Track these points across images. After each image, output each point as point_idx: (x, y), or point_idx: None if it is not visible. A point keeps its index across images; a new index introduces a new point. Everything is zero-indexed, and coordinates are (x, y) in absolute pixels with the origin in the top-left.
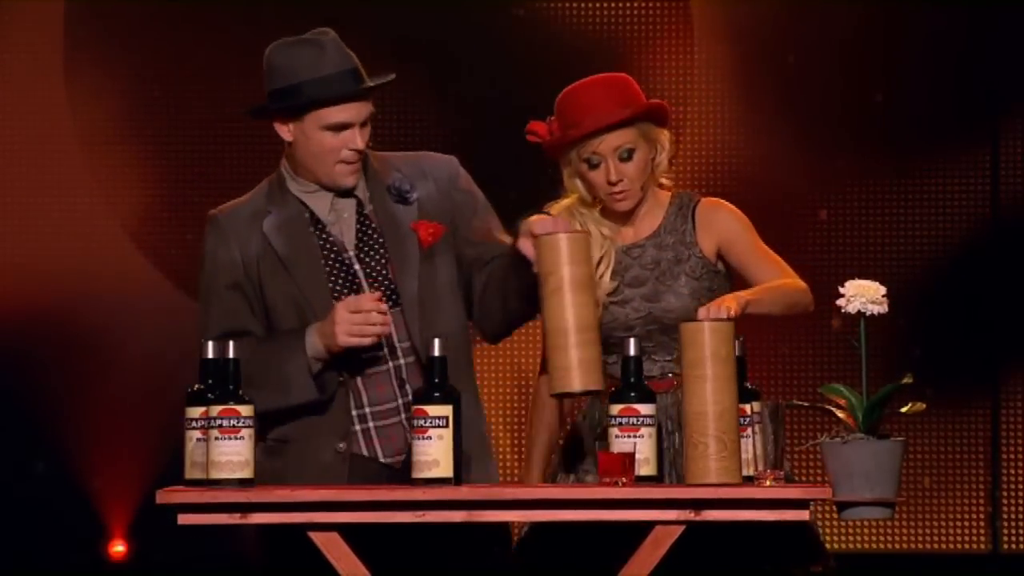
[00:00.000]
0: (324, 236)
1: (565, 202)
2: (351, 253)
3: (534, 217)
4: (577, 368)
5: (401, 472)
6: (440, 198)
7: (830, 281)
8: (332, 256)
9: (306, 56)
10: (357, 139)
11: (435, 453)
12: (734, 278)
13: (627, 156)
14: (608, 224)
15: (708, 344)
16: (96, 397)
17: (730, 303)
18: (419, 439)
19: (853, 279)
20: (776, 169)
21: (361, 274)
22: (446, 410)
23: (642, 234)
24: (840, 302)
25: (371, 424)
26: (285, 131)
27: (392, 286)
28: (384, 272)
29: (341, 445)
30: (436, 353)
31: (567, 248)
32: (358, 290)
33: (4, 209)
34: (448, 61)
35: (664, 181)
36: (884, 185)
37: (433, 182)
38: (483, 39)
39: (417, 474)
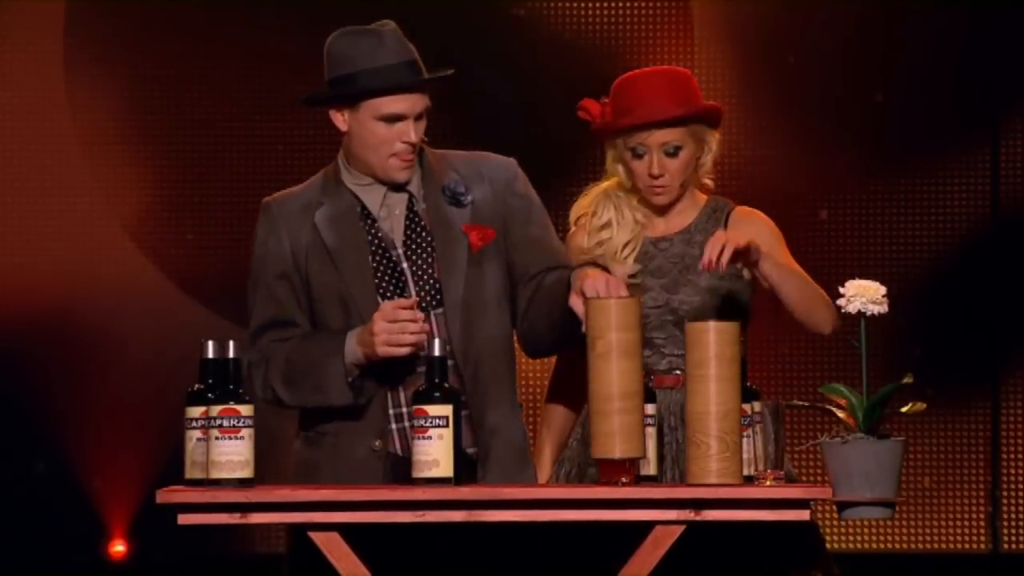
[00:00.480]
0: (374, 231)
1: (604, 184)
2: (399, 251)
3: (587, 272)
4: (619, 435)
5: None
6: (495, 202)
7: (830, 281)
8: (380, 252)
9: (364, 46)
10: (411, 132)
11: (435, 453)
12: (757, 289)
13: (673, 152)
14: (642, 211)
15: (713, 344)
16: (96, 397)
17: (746, 242)
18: (419, 439)
19: (853, 279)
20: (776, 169)
21: (408, 272)
22: (446, 410)
23: (673, 229)
24: (840, 302)
25: (407, 424)
26: (340, 120)
27: (437, 286)
28: (430, 272)
29: (377, 443)
30: (436, 353)
31: (616, 314)
32: (403, 288)
33: (4, 209)
34: (448, 61)
35: (707, 181)
36: (884, 185)
37: (489, 185)
38: (483, 39)
39: (417, 474)
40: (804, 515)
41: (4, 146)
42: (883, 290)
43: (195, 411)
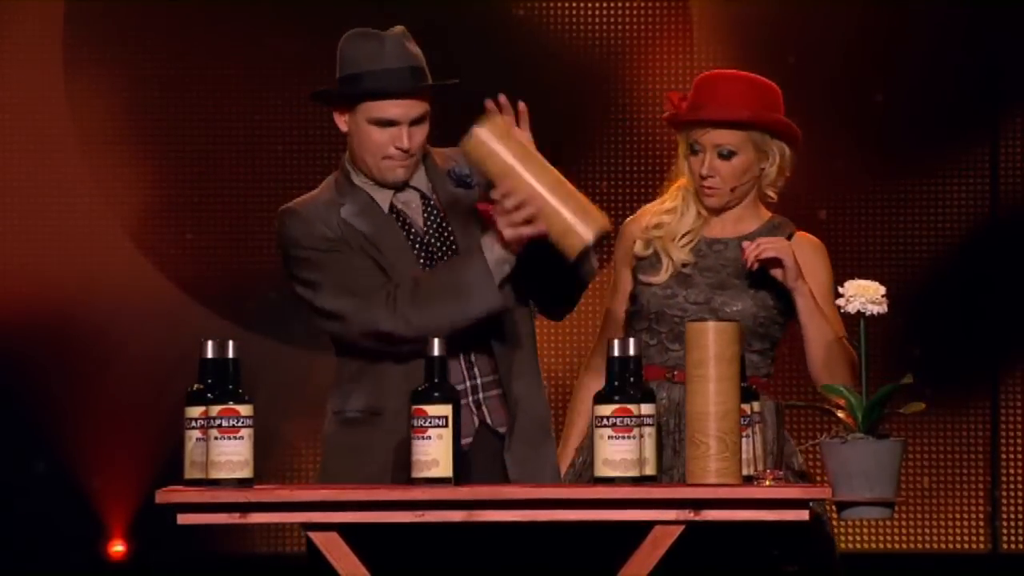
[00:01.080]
0: (402, 219)
1: (681, 181)
2: (423, 239)
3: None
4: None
5: (467, 456)
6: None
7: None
8: (412, 237)
9: (367, 48)
10: (404, 138)
11: (435, 453)
12: (795, 317)
13: (726, 155)
14: (705, 208)
15: (713, 344)
16: (96, 397)
17: (788, 253)
18: (419, 439)
19: (853, 279)
20: None
21: (437, 256)
22: (445, 410)
23: (729, 233)
24: (840, 302)
25: (482, 395)
26: (341, 121)
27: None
28: (452, 255)
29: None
30: (435, 353)
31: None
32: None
33: (4, 209)
34: (447, 60)
35: (770, 193)
36: (884, 185)
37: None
38: (483, 39)
39: (416, 474)
40: (803, 515)
41: (4, 146)
42: (883, 290)
43: (194, 411)
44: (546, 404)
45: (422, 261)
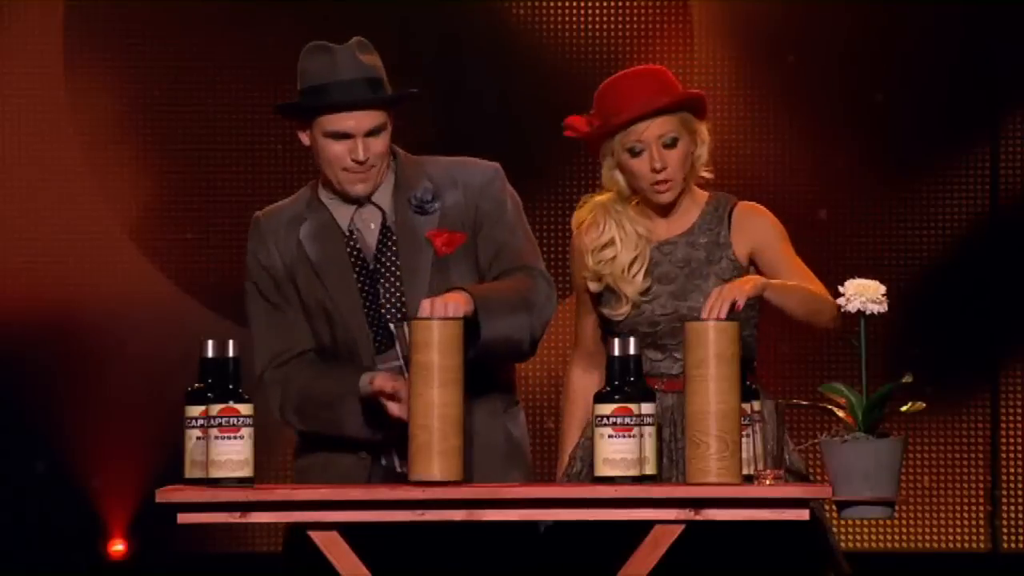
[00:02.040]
0: (353, 244)
1: (600, 198)
2: (372, 265)
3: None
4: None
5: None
6: (466, 206)
7: (830, 281)
8: (360, 266)
9: (319, 62)
10: (359, 150)
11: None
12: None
13: (671, 143)
14: (642, 222)
15: (712, 344)
16: (96, 397)
17: (747, 283)
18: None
19: (853, 278)
20: (776, 169)
21: (382, 287)
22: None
23: (675, 231)
24: (840, 302)
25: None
26: (303, 137)
27: (403, 299)
28: (398, 285)
29: (362, 453)
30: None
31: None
32: (379, 298)
33: (4, 209)
34: (447, 60)
35: (705, 174)
36: (884, 185)
37: (462, 189)
38: (483, 38)
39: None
40: (804, 515)
41: (4, 146)
42: (883, 289)
43: (194, 410)
44: (509, 431)
45: (364, 292)
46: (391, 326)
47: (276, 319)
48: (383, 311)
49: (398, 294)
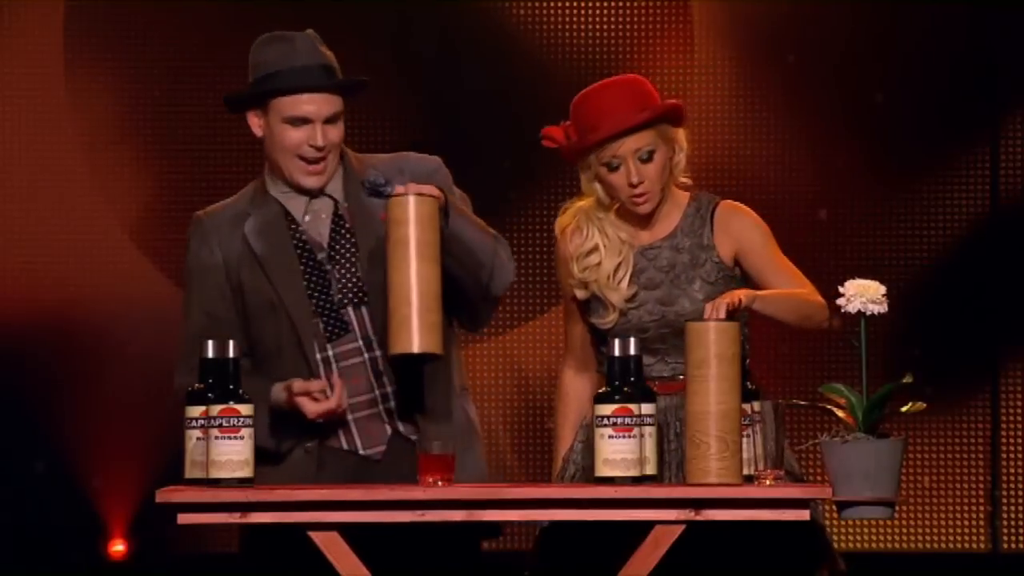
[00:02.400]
0: (299, 236)
1: (581, 204)
2: (325, 253)
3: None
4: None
5: (381, 464)
6: None
7: (830, 281)
8: (306, 257)
9: (278, 49)
10: (317, 135)
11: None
12: (750, 284)
13: (647, 158)
14: (625, 228)
15: (713, 344)
16: (96, 397)
17: (738, 296)
18: None
19: (853, 279)
20: (776, 169)
21: (333, 275)
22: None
23: (659, 235)
24: (840, 302)
25: (349, 416)
26: (255, 126)
27: (360, 284)
28: (354, 271)
29: (308, 444)
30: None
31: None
32: (330, 287)
33: (4, 209)
34: (447, 60)
35: (684, 180)
36: (884, 185)
37: (409, 176)
38: (482, 39)
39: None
40: (804, 515)
41: (4, 146)
42: (883, 290)
43: (195, 411)
44: (465, 410)
45: (312, 283)
46: (348, 309)
47: (207, 325)
48: (337, 298)
49: (354, 279)
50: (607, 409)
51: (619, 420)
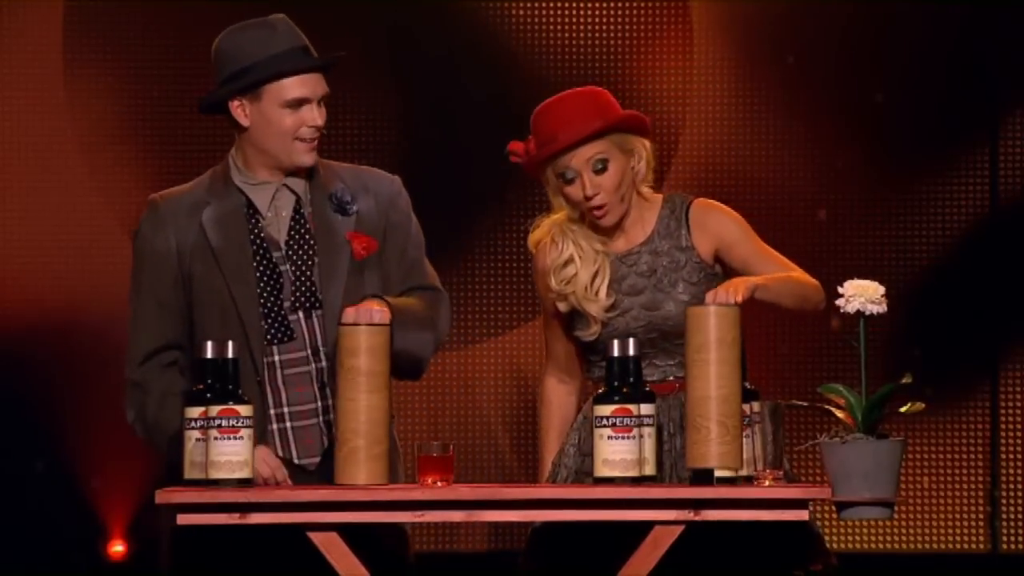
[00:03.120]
0: (257, 231)
1: (555, 217)
2: (282, 252)
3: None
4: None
5: (314, 475)
6: (377, 215)
7: (830, 281)
8: (262, 252)
9: (256, 38)
10: (316, 115)
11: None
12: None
13: (601, 167)
14: (598, 237)
15: (714, 328)
16: (96, 397)
17: (738, 286)
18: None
19: (853, 279)
20: (776, 169)
21: (288, 275)
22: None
23: (635, 241)
24: (839, 302)
25: (288, 424)
26: (242, 116)
27: (314, 290)
28: (308, 275)
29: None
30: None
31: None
32: (280, 290)
33: (4, 209)
34: (446, 60)
35: (645, 189)
36: (883, 185)
37: (374, 198)
38: (481, 39)
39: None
40: (803, 515)
41: (4, 146)
42: (882, 290)
43: (194, 411)
44: (394, 440)
45: (263, 281)
46: (299, 315)
47: (157, 314)
48: (288, 302)
49: (308, 283)
50: (606, 410)
51: (618, 420)
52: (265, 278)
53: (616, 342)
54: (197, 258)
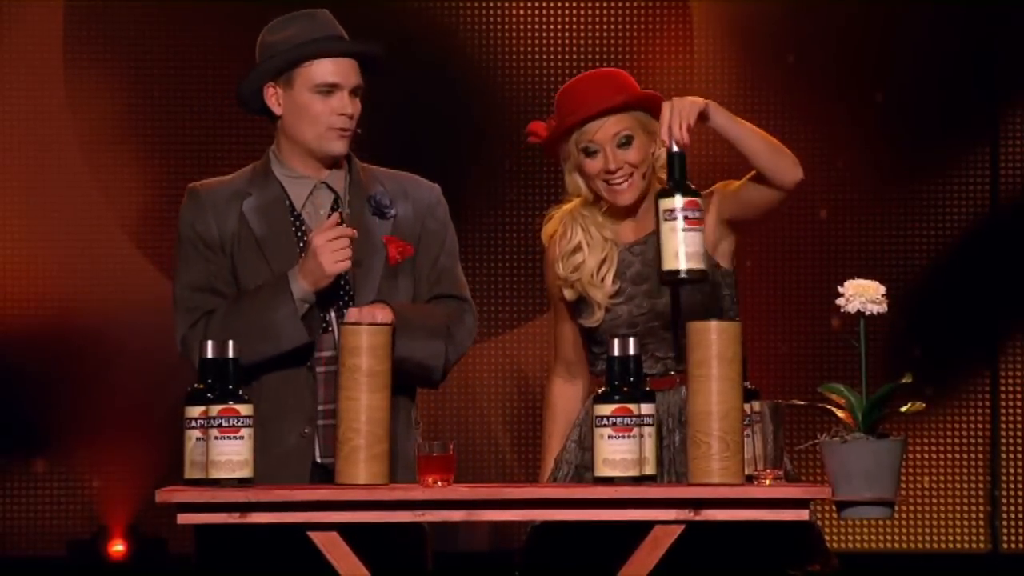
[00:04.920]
0: (299, 223)
1: (567, 206)
2: None
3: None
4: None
5: (332, 475)
6: (414, 221)
7: (830, 281)
8: (302, 245)
9: (300, 24)
10: (347, 104)
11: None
12: (737, 282)
13: (625, 142)
14: (609, 226)
15: (715, 344)
16: (96, 397)
17: (686, 107)
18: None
19: (852, 279)
20: None
21: None
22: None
23: (643, 231)
24: (840, 302)
25: (318, 422)
26: (275, 104)
27: (348, 288)
28: (344, 275)
29: (307, 429)
30: None
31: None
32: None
33: (4, 209)
34: (447, 60)
35: (663, 174)
36: (884, 185)
37: (412, 204)
38: (483, 38)
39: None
40: (803, 515)
41: (4, 146)
42: (882, 289)
43: (194, 411)
44: (413, 451)
45: None
46: (331, 313)
47: (200, 298)
48: (323, 296)
49: (341, 284)
50: (607, 409)
51: (619, 420)
52: None
53: (616, 341)
54: (241, 246)
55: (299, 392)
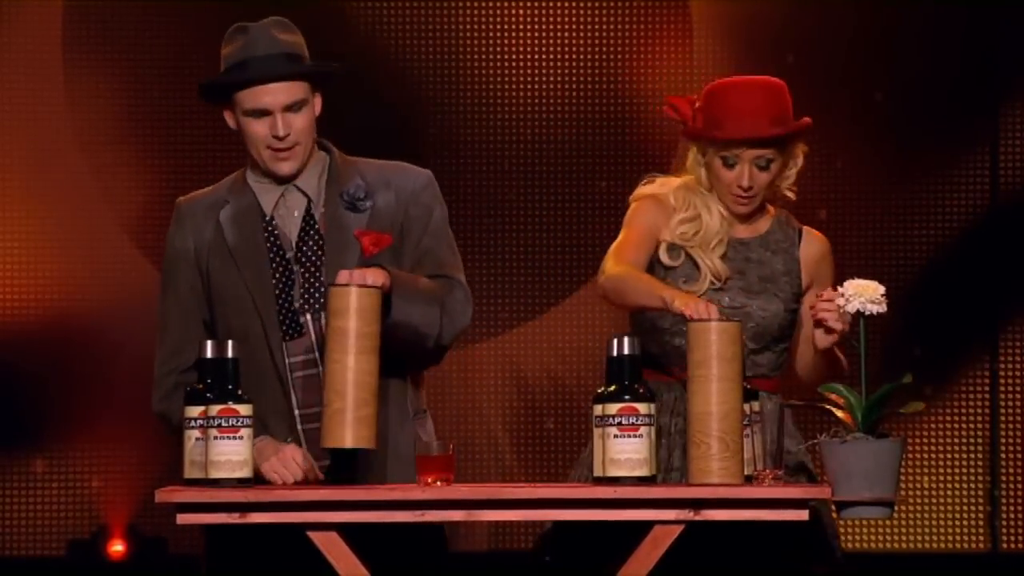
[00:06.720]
0: (271, 230)
1: (679, 181)
2: (292, 252)
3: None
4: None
5: (323, 480)
6: (396, 209)
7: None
8: (276, 252)
9: (235, 42)
10: (278, 126)
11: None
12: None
13: (764, 166)
14: (726, 210)
15: (714, 344)
16: (95, 397)
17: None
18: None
19: (852, 279)
20: None
21: (297, 276)
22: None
23: (752, 233)
24: (840, 302)
25: (300, 427)
26: (231, 120)
27: (323, 291)
28: (318, 275)
29: (288, 439)
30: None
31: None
32: (291, 290)
33: (4, 210)
34: (447, 59)
35: (788, 193)
36: (883, 184)
37: (394, 193)
38: (483, 38)
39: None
40: (803, 515)
41: (4, 147)
42: (882, 289)
43: (194, 411)
44: (418, 436)
45: (277, 279)
46: (307, 316)
47: (179, 319)
48: (298, 303)
49: (316, 284)
50: (612, 408)
51: (624, 420)
52: (281, 279)
53: (616, 341)
54: (215, 256)
55: (276, 401)
